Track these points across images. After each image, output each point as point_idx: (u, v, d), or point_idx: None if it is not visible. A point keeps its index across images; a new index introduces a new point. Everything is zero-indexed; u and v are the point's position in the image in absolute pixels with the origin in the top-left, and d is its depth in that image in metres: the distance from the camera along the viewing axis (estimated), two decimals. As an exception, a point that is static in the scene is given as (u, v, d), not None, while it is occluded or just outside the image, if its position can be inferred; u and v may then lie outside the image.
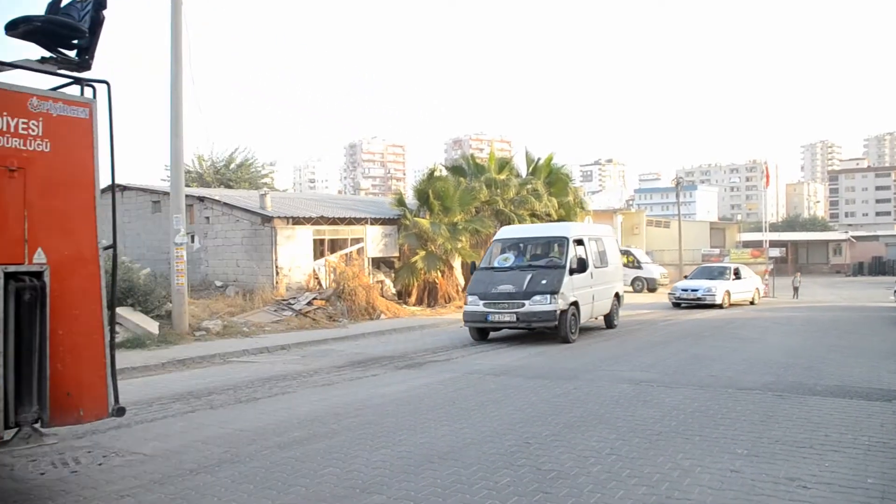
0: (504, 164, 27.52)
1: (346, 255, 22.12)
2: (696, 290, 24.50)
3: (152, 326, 13.87)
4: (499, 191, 25.13)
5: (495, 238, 16.81)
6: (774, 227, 79.68)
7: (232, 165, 44.09)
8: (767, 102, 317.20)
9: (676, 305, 24.71)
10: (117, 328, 13.81)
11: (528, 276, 14.13)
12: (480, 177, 25.78)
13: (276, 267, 20.14)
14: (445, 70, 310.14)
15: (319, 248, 21.82)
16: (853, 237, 71.82)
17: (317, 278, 20.92)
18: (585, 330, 15.87)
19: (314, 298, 18.60)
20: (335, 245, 22.46)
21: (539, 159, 28.38)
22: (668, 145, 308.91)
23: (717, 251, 47.19)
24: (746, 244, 54.90)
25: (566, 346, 13.77)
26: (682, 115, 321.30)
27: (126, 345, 13.01)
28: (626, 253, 36.10)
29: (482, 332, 14.79)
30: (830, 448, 6.14)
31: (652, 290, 34.56)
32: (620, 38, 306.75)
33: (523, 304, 13.79)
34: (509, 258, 15.38)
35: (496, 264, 15.28)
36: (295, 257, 20.67)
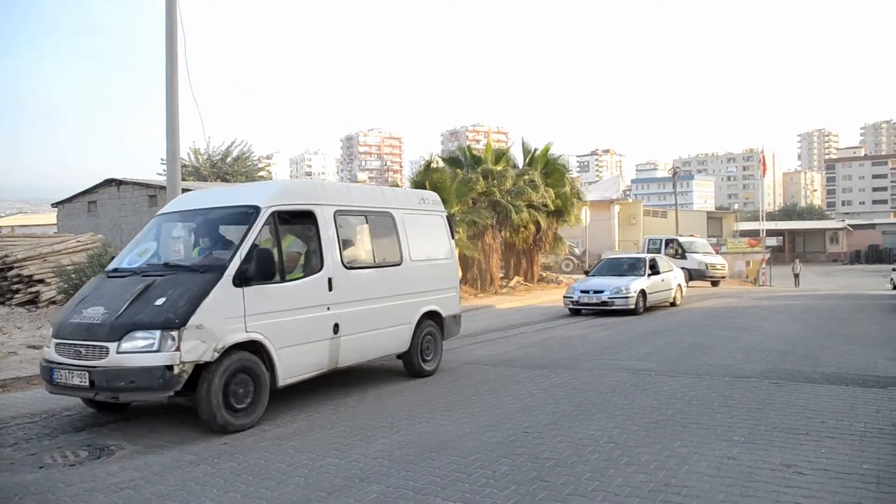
0: (501, 155, 27.54)
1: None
2: (600, 292, 17.99)
3: (150, 320, 13.87)
4: (496, 182, 25.16)
5: (158, 213, 8.88)
6: (772, 216, 79.76)
7: (228, 159, 44.07)
8: (764, 91, 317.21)
9: (575, 312, 18.36)
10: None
11: (139, 290, 6.89)
12: (477, 168, 25.81)
13: (274, 260, 20.11)
14: (442, 62, 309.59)
15: (317, 241, 21.75)
16: (850, 226, 72.10)
17: (314, 271, 20.87)
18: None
19: (312, 291, 18.55)
20: (332, 237, 22.39)
21: (536, 150, 28.42)
22: (665, 135, 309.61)
23: (714, 240, 47.23)
24: (744, 233, 54.99)
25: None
26: (679, 105, 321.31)
27: (124, 338, 12.99)
28: (671, 242, 32.54)
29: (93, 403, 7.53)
30: (826, 435, 6.17)
31: (713, 281, 31.58)
32: (617, 29, 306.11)
33: (105, 352, 6.53)
34: (149, 250, 8.06)
35: (125, 264, 7.90)
36: (292, 250, 20.63)
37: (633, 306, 17.73)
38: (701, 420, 6.79)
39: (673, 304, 20.36)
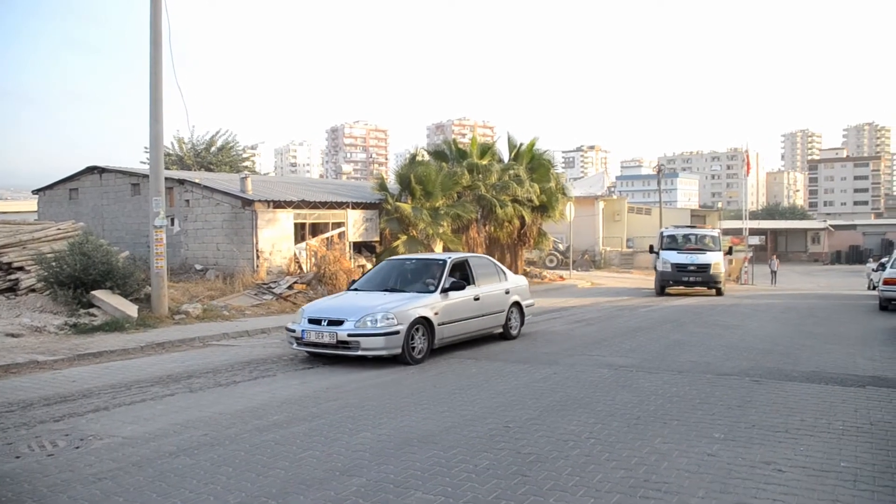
0: (486, 150, 27.52)
1: (327, 239, 22.02)
2: (338, 323, 9.87)
3: (131, 310, 13.74)
4: (481, 176, 25.17)
5: None
6: (754, 215, 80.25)
7: (213, 149, 43.72)
8: (749, 91, 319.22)
9: (314, 355, 10.47)
10: (95, 311, 13.68)
11: None
12: (462, 162, 25.80)
13: (257, 251, 20.02)
14: (429, 55, 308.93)
15: (300, 232, 21.70)
16: (831, 226, 72.74)
17: (297, 262, 20.82)
18: None
19: (295, 282, 18.51)
20: (316, 229, 22.35)
21: (521, 145, 28.41)
22: (651, 133, 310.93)
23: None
24: (727, 232, 55.11)
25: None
26: (665, 103, 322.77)
27: (104, 328, 12.88)
28: (671, 238, 25.15)
29: None
30: (805, 433, 6.23)
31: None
32: (605, 26, 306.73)
33: None
34: None
35: None
36: (276, 241, 20.55)
37: (397, 349, 9.82)
38: (682, 417, 6.83)
39: (505, 337, 12.44)
